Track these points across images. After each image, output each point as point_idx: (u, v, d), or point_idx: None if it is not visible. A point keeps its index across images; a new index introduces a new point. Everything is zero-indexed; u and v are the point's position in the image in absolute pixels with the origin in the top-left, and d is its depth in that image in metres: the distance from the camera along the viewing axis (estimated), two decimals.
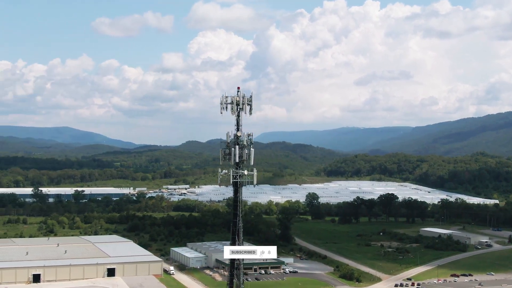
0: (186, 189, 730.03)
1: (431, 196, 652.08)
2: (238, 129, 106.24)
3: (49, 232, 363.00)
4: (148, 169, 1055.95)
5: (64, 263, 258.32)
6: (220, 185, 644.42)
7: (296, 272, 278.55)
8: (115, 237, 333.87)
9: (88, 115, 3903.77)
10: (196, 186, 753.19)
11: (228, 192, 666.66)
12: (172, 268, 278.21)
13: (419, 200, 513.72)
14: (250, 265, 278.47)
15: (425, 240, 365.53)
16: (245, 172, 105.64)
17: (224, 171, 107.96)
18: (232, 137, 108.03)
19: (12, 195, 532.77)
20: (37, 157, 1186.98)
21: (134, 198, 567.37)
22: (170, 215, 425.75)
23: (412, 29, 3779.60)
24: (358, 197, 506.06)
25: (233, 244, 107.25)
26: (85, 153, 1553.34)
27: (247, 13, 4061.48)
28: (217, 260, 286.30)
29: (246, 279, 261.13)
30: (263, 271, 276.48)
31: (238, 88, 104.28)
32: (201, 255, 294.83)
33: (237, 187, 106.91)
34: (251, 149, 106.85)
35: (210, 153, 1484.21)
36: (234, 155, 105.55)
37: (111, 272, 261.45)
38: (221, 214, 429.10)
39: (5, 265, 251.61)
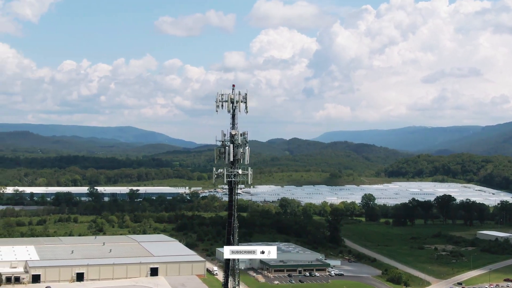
0: (241, 189, 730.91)
1: (494, 198, 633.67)
2: (233, 127, 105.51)
3: (98, 231, 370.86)
4: (207, 168, 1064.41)
5: (108, 262, 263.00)
6: (214, 184, 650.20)
7: (342, 275, 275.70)
8: (162, 236, 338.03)
9: (151, 114, 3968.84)
10: (251, 186, 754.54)
11: (283, 192, 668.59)
12: (215, 268, 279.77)
13: (480, 202, 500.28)
14: (294, 267, 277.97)
15: (482, 243, 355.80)
16: (239, 171, 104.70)
17: (220, 170, 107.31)
18: (228, 136, 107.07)
19: (68, 194, 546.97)
20: (98, 156, 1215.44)
21: (188, 197, 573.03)
22: (219, 215, 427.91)
23: (482, 24, 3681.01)
24: (413, 199, 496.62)
25: (228, 244, 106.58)
26: (147, 152, 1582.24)
27: (310, 10, 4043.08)
28: (261, 261, 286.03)
29: (290, 281, 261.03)
30: (307, 273, 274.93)
31: (233, 86, 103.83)
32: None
33: (231, 187, 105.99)
34: (246, 148, 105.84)
35: (270, 153, 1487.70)
36: (228, 153, 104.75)
37: (154, 272, 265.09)
38: (270, 214, 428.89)
39: (49, 263, 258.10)
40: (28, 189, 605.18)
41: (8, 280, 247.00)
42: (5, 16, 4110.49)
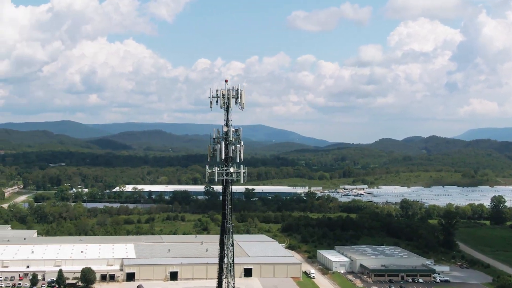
0: (364, 189, 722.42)
1: None
2: (226, 124, 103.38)
3: (203, 229, 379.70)
4: (333, 168, 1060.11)
5: (201, 262, 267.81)
6: (207, 183, 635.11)
7: (447, 281, 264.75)
8: (262, 237, 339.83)
9: (283, 112, 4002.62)
10: (375, 187, 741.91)
11: (409, 193, 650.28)
12: (313, 271, 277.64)
13: None
14: (396, 272, 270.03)
15: None
16: (231, 169, 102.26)
17: (215, 168, 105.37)
18: (222, 133, 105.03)
19: (185, 192, 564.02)
20: None
21: (304, 197, 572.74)
22: (328, 217, 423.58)
23: None
24: None
25: (221, 245, 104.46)
26: (276, 151, 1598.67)
27: (452, 0, 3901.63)
28: (361, 265, 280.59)
29: (389, 287, 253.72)
30: (410, 279, 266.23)
31: (226, 81, 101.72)
32: (346, 259, 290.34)
33: (225, 185, 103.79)
34: (238, 145, 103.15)
35: (405, 151, 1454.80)
36: (220, 151, 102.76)
37: (248, 273, 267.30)
38: (380, 216, 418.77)
39: (144, 262, 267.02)
40: (147, 188, 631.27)
41: (103, 278, 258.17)
42: (142, 17, 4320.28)
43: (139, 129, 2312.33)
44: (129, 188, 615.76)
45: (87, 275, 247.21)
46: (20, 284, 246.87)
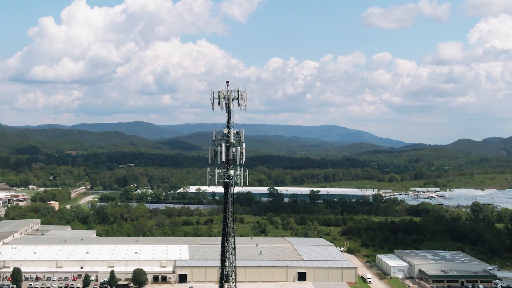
0: (435, 192, 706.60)
1: None
2: (227, 126, 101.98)
3: (261, 232, 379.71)
4: (406, 169, 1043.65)
5: (254, 264, 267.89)
6: (209, 186, 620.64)
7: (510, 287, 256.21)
8: (319, 240, 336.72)
9: (357, 112, 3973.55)
10: (447, 189, 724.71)
11: (482, 196, 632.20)
12: (369, 276, 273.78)
13: None
14: (456, 278, 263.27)
15: None
16: (232, 172, 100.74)
17: (218, 170, 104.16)
18: (223, 135, 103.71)
19: (248, 193, 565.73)
20: (292, 156, 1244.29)
21: (371, 200, 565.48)
22: (392, 220, 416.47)
23: None
24: None
25: (223, 249, 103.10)
26: (348, 152, 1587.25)
27: None
28: (420, 271, 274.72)
29: None
30: (470, 285, 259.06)
31: (227, 82, 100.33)
32: (404, 264, 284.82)
33: (227, 188, 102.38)
34: (239, 147, 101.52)
35: (483, 153, 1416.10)
36: (220, 153, 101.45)
37: (301, 276, 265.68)
38: (445, 220, 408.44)
39: (197, 263, 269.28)
40: (211, 189, 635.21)
41: (155, 279, 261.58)
42: (215, 17, 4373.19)
43: (211, 129, 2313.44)
44: (193, 189, 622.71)
45: (138, 276, 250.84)
46: (73, 284, 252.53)
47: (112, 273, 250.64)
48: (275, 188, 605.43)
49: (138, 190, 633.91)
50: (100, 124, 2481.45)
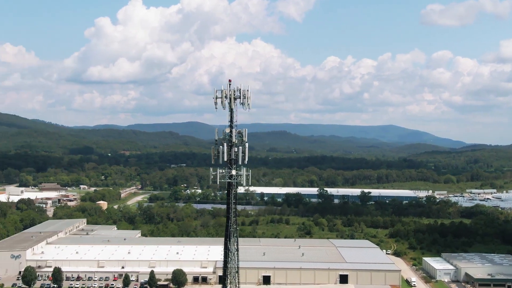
0: (492, 194, 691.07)
1: None
2: (230, 125, 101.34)
3: (306, 233, 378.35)
4: (464, 170, 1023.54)
5: (295, 266, 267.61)
6: (211, 186, 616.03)
7: None
8: (365, 242, 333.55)
9: (416, 112, 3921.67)
10: (505, 191, 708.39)
11: None
12: (414, 279, 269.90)
13: None
14: (503, 282, 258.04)
15: None
16: (233, 172, 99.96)
17: (220, 170, 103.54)
18: (227, 134, 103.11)
19: (297, 195, 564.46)
20: (346, 157, 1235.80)
21: (424, 202, 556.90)
22: (441, 222, 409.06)
23: None
24: None
25: (225, 250, 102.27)
26: (406, 153, 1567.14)
27: None
28: (466, 274, 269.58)
29: None
30: None
31: (229, 81, 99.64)
32: (451, 267, 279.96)
33: (229, 188, 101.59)
34: (240, 147, 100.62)
35: None
36: (222, 153, 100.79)
37: (343, 279, 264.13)
38: (496, 223, 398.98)
39: None
40: (260, 189, 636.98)
41: (196, 280, 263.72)
42: (270, 16, 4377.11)
43: (265, 130, 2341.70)
44: (241, 189, 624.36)
45: (178, 277, 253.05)
46: (113, 284, 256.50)
47: (151, 273, 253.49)
48: (325, 189, 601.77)
49: (188, 190, 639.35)
50: (155, 125, 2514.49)
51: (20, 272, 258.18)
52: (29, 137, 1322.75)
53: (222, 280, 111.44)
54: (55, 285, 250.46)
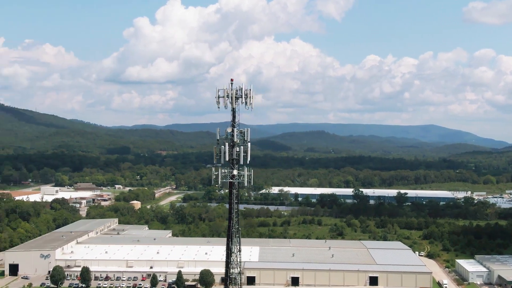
0: None
1: None
2: (232, 125, 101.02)
3: (338, 234, 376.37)
4: (506, 171, 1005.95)
5: (324, 268, 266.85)
6: (214, 186, 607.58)
7: None
8: (397, 243, 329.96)
9: (458, 111, 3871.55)
10: None
11: None
12: (445, 281, 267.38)
13: None
14: None
15: None
16: (235, 172, 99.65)
17: (223, 170, 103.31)
18: (229, 134, 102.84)
19: (332, 195, 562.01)
20: (384, 157, 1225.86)
21: (461, 203, 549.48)
22: (477, 224, 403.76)
23: None
24: None
25: (227, 250, 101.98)
26: (446, 153, 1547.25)
27: None
28: (499, 277, 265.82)
29: None
30: None
31: (231, 80, 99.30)
32: (484, 269, 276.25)
33: (231, 188, 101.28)
34: (242, 147, 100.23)
35: None
36: (224, 153, 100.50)
37: (373, 281, 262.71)
38: None
39: (265, 265, 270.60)
40: (294, 190, 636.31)
41: (224, 280, 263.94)
42: (309, 15, 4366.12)
43: (303, 129, 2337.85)
44: (275, 190, 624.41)
45: (205, 277, 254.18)
46: (141, 284, 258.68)
47: (179, 274, 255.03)
48: (361, 190, 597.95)
49: (221, 190, 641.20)
50: (193, 124, 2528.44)
51: (49, 271, 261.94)
52: (67, 137, 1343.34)
53: (225, 280, 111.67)
54: (83, 285, 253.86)
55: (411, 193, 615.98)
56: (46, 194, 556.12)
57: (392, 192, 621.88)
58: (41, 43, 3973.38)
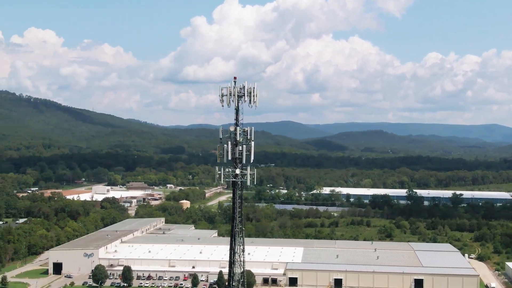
0: None
1: None
2: (236, 123, 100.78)
3: (386, 236, 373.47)
4: None
5: (367, 270, 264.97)
6: (217, 185, 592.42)
7: None
8: (446, 246, 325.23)
9: None
10: None
11: None
12: (493, 284, 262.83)
13: None
14: None
15: None
16: (237, 171, 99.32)
17: (227, 169, 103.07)
18: (231, 133, 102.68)
19: (385, 196, 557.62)
20: (443, 157, 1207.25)
21: None
22: None
23: None
24: None
25: (231, 251, 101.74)
26: (509, 153, 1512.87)
27: None
28: None
29: None
30: None
31: (235, 78, 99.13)
32: None
33: (234, 188, 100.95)
34: (244, 146, 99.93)
35: None
36: (226, 152, 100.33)
37: (418, 284, 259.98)
38: None
39: (308, 267, 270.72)
40: (346, 190, 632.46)
41: (265, 281, 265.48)
42: (368, 13, 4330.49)
43: (360, 129, 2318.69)
44: (327, 190, 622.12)
45: (247, 278, 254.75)
46: (182, 284, 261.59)
47: (220, 274, 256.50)
48: (415, 191, 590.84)
49: (272, 190, 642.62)
50: (249, 124, 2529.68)
51: (92, 270, 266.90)
52: (123, 137, 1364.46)
53: (228, 280, 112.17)
54: (125, 284, 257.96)
55: (467, 194, 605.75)
56: (97, 193, 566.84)
57: (447, 193, 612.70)
58: (99, 43, 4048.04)
